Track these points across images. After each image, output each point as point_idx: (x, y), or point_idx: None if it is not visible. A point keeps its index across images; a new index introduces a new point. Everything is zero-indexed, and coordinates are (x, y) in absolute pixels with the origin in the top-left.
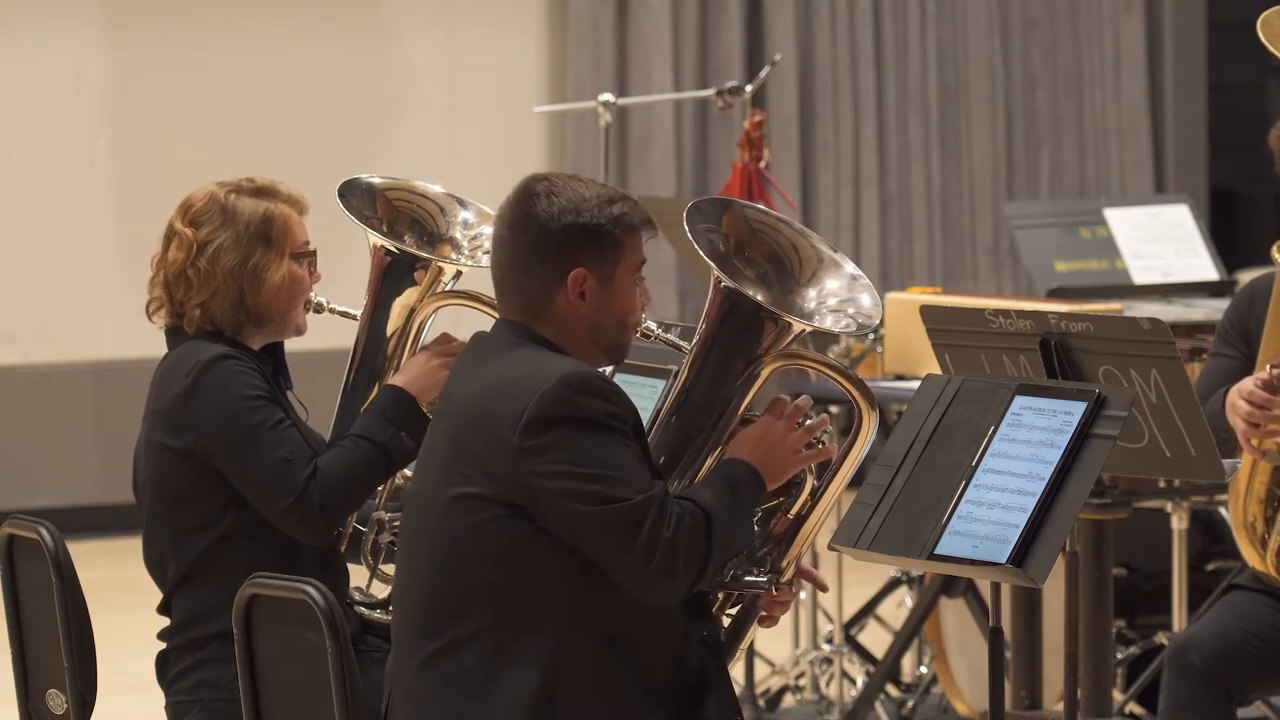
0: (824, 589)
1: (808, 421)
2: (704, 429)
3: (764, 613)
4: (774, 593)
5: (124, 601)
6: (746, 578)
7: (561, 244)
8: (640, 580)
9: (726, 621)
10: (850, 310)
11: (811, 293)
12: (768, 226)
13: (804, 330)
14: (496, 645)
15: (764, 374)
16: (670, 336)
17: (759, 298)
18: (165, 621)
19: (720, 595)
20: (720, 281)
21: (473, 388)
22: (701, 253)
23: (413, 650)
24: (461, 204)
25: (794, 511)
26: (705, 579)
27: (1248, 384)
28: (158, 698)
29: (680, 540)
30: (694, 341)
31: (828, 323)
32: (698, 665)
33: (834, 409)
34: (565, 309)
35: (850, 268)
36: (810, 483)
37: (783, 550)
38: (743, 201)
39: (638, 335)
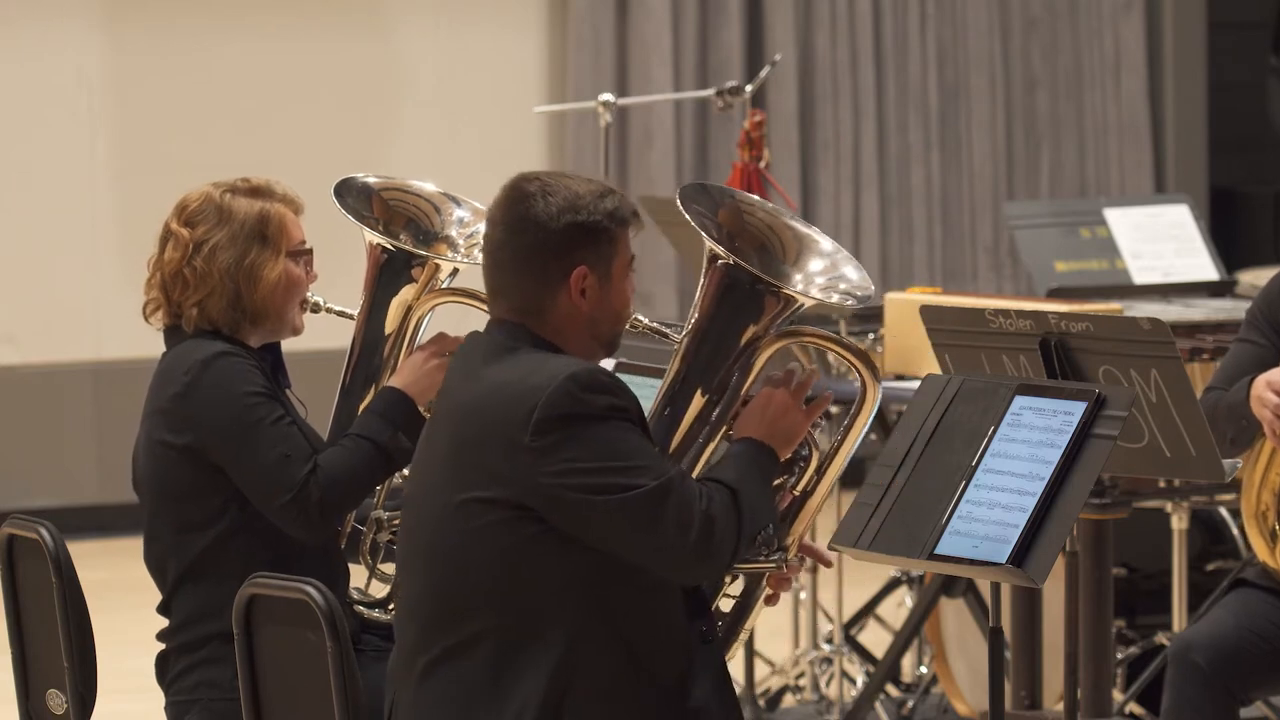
0: (828, 564)
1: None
2: (702, 416)
3: (769, 591)
4: (783, 571)
5: (124, 601)
6: (755, 559)
7: (562, 244)
8: (679, 559)
9: (727, 604)
10: (841, 286)
11: (798, 275)
12: (750, 213)
13: (802, 305)
14: (501, 651)
15: (763, 356)
16: (657, 325)
17: (757, 271)
18: (165, 621)
19: (726, 577)
20: (717, 259)
21: (473, 391)
22: (698, 228)
23: (415, 655)
24: (456, 202)
25: (800, 487)
26: (738, 554)
27: (1276, 375)
28: (158, 698)
29: (714, 513)
30: (687, 329)
31: (833, 297)
32: (701, 667)
33: (834, 409)
34: (566, 308)
35: (828, 244)
36: (816, 457)
37: (787, 527)
38: (724, 188)
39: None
